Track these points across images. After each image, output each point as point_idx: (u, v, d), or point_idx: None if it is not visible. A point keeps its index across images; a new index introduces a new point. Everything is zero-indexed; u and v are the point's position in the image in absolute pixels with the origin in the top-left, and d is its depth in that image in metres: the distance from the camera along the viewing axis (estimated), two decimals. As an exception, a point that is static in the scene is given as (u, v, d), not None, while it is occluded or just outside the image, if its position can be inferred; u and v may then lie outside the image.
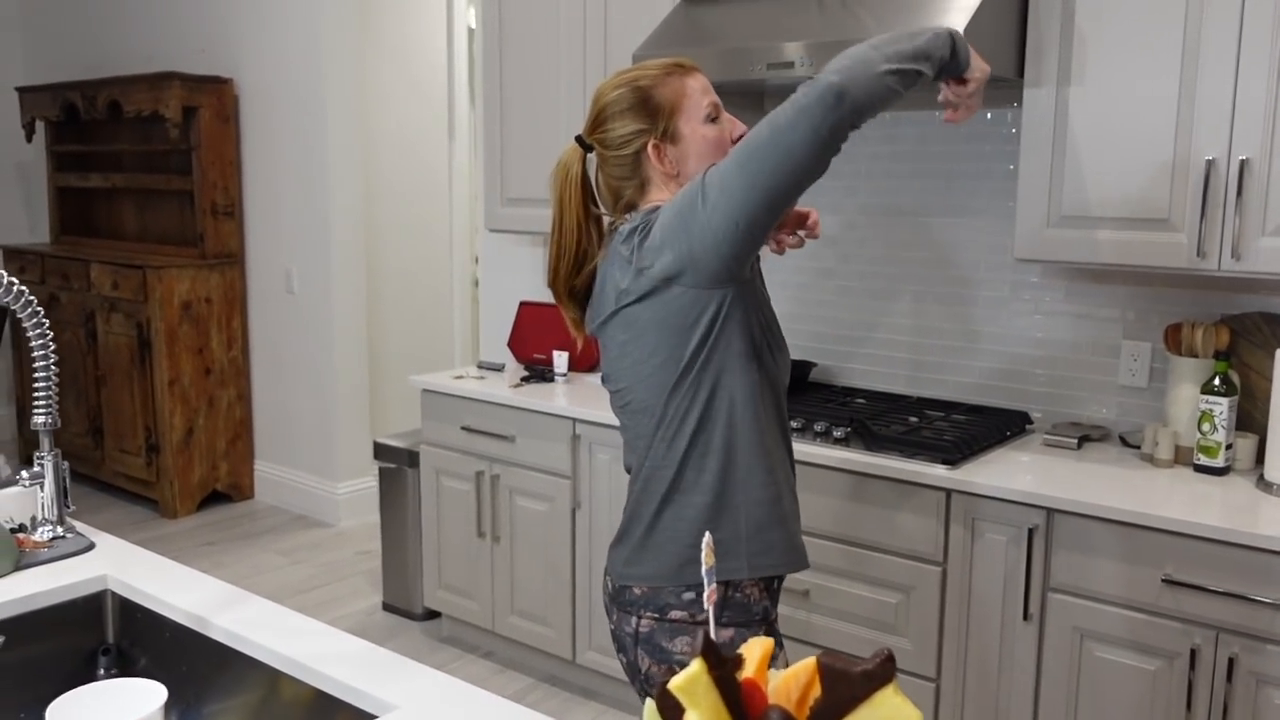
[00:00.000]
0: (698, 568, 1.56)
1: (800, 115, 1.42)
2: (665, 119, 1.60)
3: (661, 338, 1.57)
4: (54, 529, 1.33)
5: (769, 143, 1.43)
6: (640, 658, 1.60)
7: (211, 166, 4.80)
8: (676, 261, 1.52)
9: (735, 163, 1.47)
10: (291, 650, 1.48)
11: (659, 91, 1.60)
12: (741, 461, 1.57)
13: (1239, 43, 2.18)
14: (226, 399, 4.99)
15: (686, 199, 1.51)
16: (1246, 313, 2.50)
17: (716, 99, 1.64)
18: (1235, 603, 2.06)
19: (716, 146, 1.62)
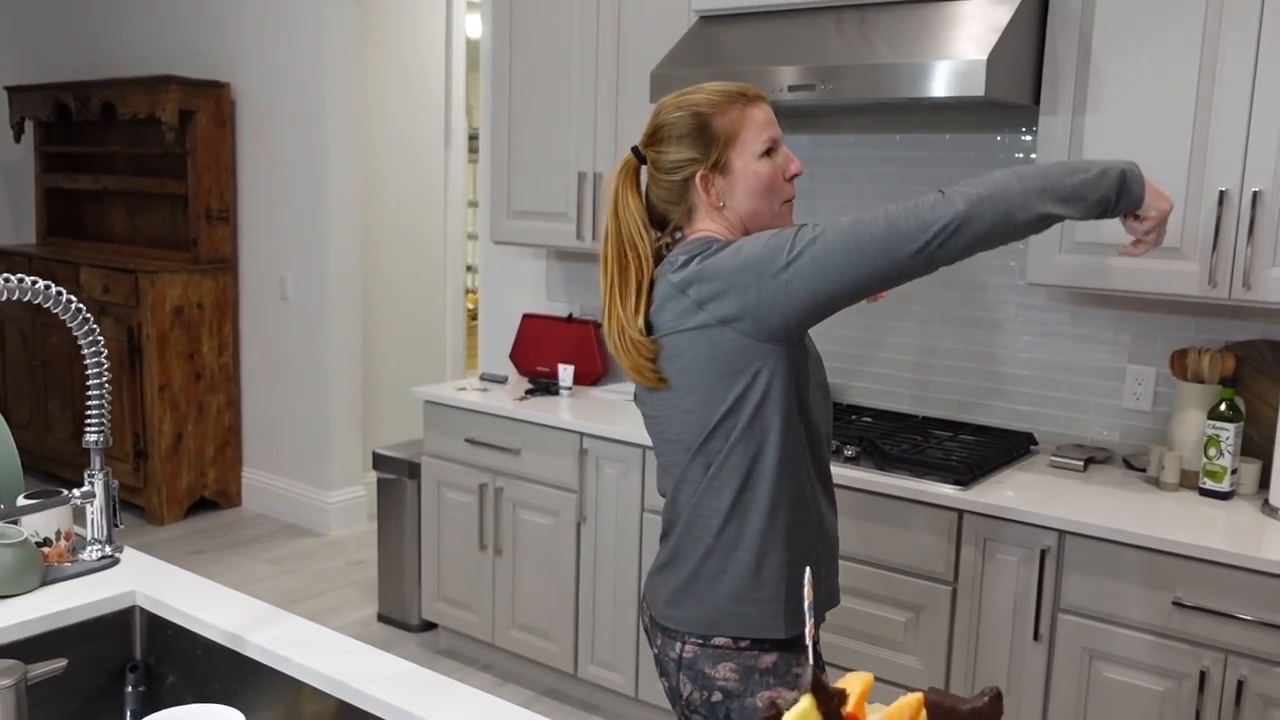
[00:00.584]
0: (736, 621, 1.58)
1: (918, 231, 1.43)
2: (719, 150, 1.57)
3: (703, 377, 1.55)
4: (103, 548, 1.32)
5: (880, 241, 1.43)
6: (682, 683, 1.61)
7: (207, 171, 4.77)
8: (739, 308, 1.50)
9: (839, 240, 1.45)
10: (334, 670, 1.48)
11: (717, 121, 1.57)
12: (783, 519, 1.58)
13: (1254, 77, 2.23)
14: (216, 405, 4.95)
15: (768, 250, 1.48)
16: (1251, 340, 2.55)
17: (776, 132, 1.61)
18: (1244, 626, 2.10)
19: (768, 184, 1.60)
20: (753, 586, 1.58)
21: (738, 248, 1.52)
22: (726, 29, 2.83)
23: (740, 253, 1.51)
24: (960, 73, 2.32)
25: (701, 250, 1.56)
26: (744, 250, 1.51)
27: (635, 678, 3.07)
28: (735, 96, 1.59)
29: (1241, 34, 2.23)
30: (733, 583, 1.58)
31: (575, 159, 3.33)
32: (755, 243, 1.51)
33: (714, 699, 1.58)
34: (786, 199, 1.63)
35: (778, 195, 1.61)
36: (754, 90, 1.61)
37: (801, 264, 1.46)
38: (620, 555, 3.05)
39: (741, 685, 1.57)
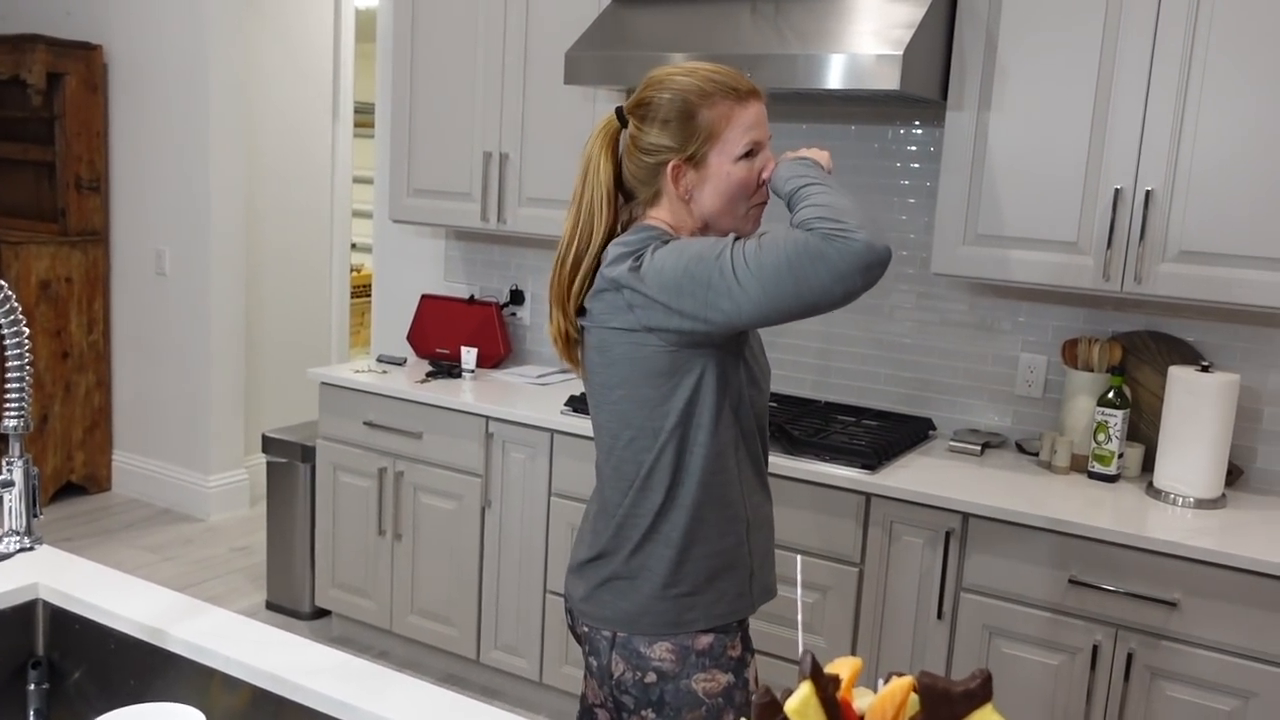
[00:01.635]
0: (655, 618, 1.58)
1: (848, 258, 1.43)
2: (698, 143, 1.52)
3: (630, 374, 1.54)
4: (21, 539, 1.24)
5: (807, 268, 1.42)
6: (615, 662, 1.60)
7: (76, 138, 4.51)
8: (665, 319, 1.48)
9: (786, 266, 1.40)
10: (265, 663, 1.43)
11: (704, 113, 1.52)
12: (710, 515, 1.57)
13: (1148, 83, 2.34)
14: (85, 385, 4.71)
15: (705, 268, 1.44)
16: (1136, 330, 2.69)
17: (762, 134, 1.56)
18: (1133, 601, 2.22)
19: (740, 187, 1.55)
20: (673, 582, 1.58)
21: (678, 252, 1.48)
22: (640, 12, 2.82)
23: (677, 261, 1.47)
24: (877, 67, 2.37)
25: (641, 247, 1.52)
26: (679, 260, 1.46)
27: (540, 662, 3.06)
28: (728, 89, 1.53)
29: (1137, 41, 2.34)
30: (653, 580, 1.58)
31: (481, 138, 3.28)
32: (688, 253, 1.46)
33: (648, 680, 1.58)
34: (756, 203, 1.59)
35: (746, 200, 1.58)
36: (749, 85, 1.55)
37: (749, 287, 1.42)
38: (526, 539, 3.03)
39: (677, 666, 1.57)
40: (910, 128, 2.94)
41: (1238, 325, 2.60)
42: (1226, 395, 2.35)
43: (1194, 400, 2.36)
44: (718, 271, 1.44)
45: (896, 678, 0.87)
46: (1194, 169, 2.32)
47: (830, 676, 0.85)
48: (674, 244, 1.51)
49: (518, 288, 3.65)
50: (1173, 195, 2.34)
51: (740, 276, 1.42)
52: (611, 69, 2.73)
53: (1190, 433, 2.37)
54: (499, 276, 3.70)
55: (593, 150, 1.60)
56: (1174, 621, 2.19)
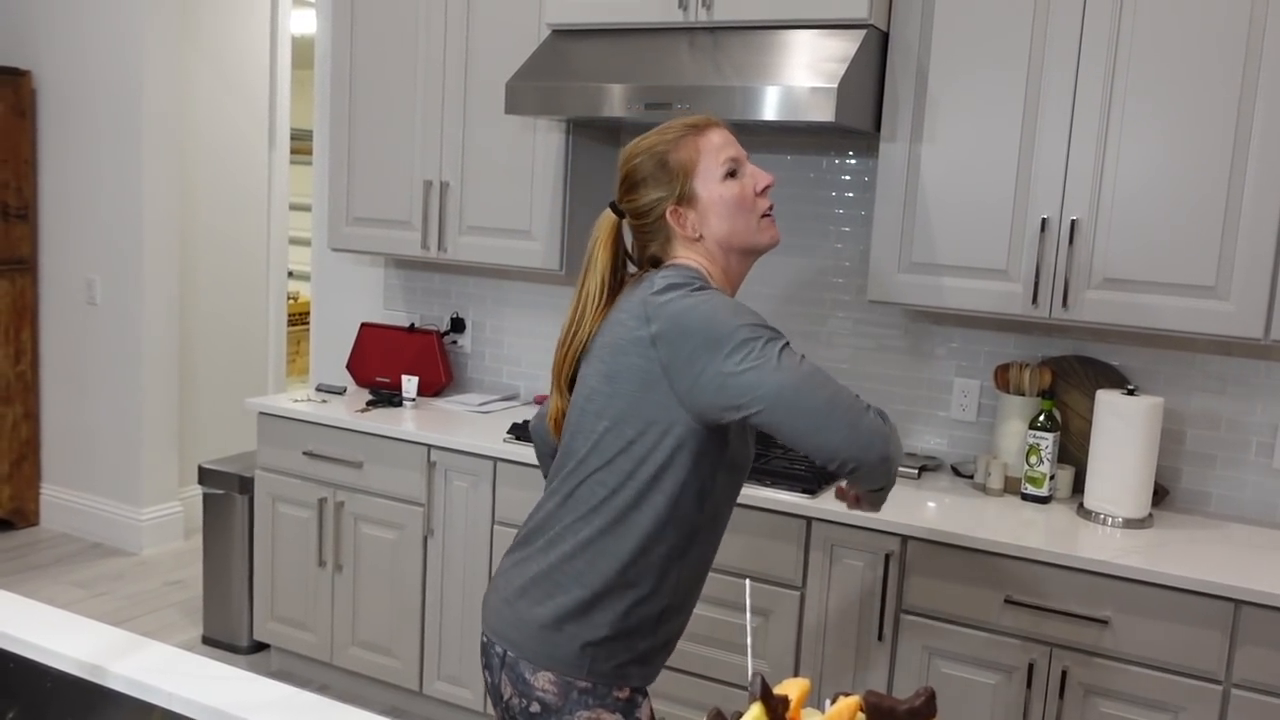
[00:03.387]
0: (539, 649, 1.57)
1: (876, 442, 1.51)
2: (681, 181, 1.60)
3: (617, 402, 1.55)
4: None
5: (833, 420, 1.49)
6: (504, 683, 1.61)
7: (3, 164, 4.42)
8: (679, 367, 1.51)
9: (795, 387, 1.47)
10: (211, 698, 1.41)
11: (674, 156, 1.60)
12: (632, 579, 1.57)
13: (1071, 117, 2.43)
14: (12, 417, 4.59)
15: (728, 334, 1.48)
16: (1065, 355, 2.77)
17: (736, 152, 1.63)
18: (1066, 620, 2.28)
19: (737, 204, 1.61)
20: (575, 622, 1.56)
21: (710, 306, 1.51)
22: (579, 44, 2.86)
23: (708, 316, 1.50)
24: (812, 99, 2.43)
25: (685, 283, 1.55)
26: (712, 317, 1.50)
27: (484, 693, 3.04)
28: (685, 129, 1.62)
29: (1061, 76, 2.43)
30: (554, 611, 1.57)
31: (421, 166, 3.28)
32: (722, 314, 1.50)
33: (532, 709, 1.57)
34: (762, 213, 1.64)
35: (752, 212, 1.63)
36: (702, 120, 1.64)
37: (746, 376, 1.47)
38: (470, 568, 3.01)
39: (560, 700, 1.55)
40: (845, 158, 3.00)
41: (1161, 350, 2.69)
42: (1151, 418, 2.43)
43: (1121, 423, 2.44)
44: (769, 344, 1.49)
45: (843, 698, 0.90)
46: (1116, 199, 2.41)
47: (779, 698, 0.87)
48: (707, 295, 1.54)
49: (459, 315, 3.64)
50: (1096, 224, 2.43)
51: (787, 361, 1.48)
52: (551, 99, 2.76)
53: (1118, 454, 2.45)
54: (439, 304, 3.69)
55: (594, 246, 1.66)
56: (1106, 639, 2.25)
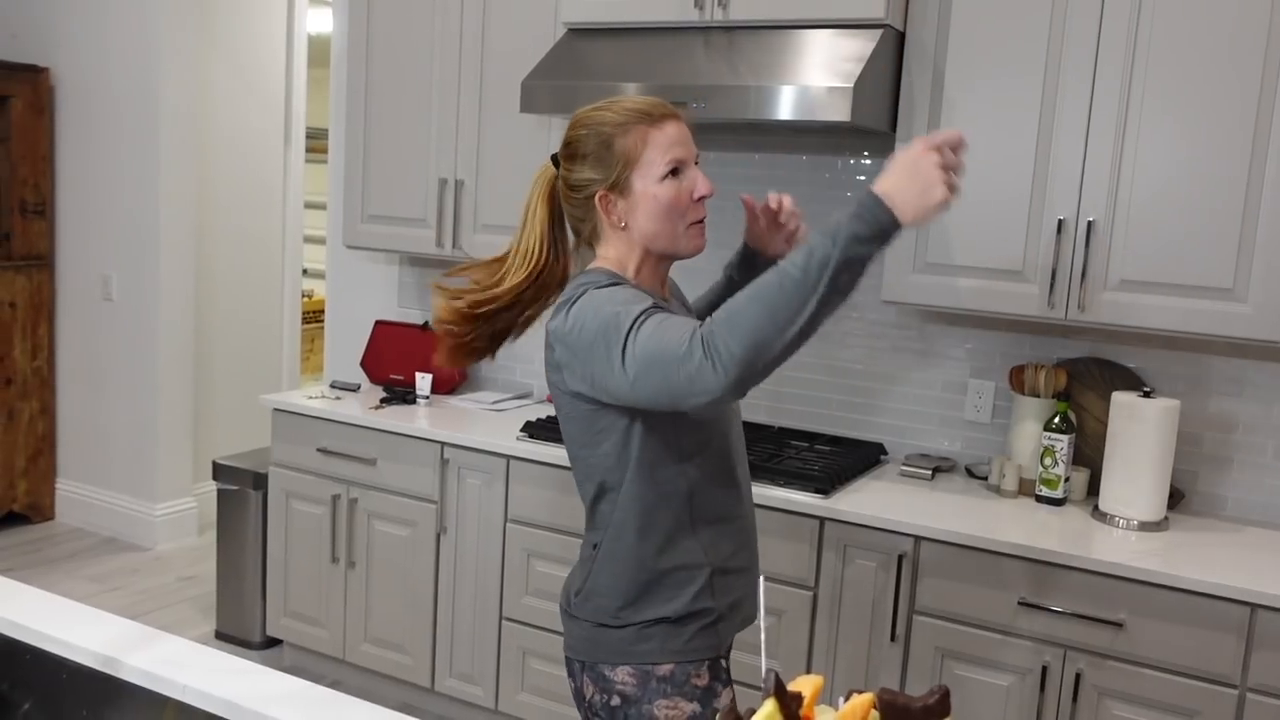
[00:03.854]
0: (593, 647, 1.63)
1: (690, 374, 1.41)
2: (619, 170, 1.55)
3: (567, 428, 1.62)
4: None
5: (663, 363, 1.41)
6: (585, 684, 1.63)
7: (22, 161, 4.45)
8: (582, 382, 1.52)
9: (656, 360, 1.39)
10: (223, 690, 1.42)
11: (619, 141, 1.54)
12: (653, 563, 1.60)
13: (1089, 117, 2.42)
14: (29, 412, 4.62)
15: (608, 339, 1.43)
16: (1081, 357, 2.76)
17: (684, 153, 1.56)
18: (1080, 622, 2.27)
19: (669, 208, 1.56)
20: (622, 617, 1.61)
21: (595, 309, 1.47)
22: (595, 43, 2.86)
23: (591, 322, 1.47)
24: (828, 99, 2.42)
25: (575, 296, 1.53)
26: (591, 323, 1.46)
27: (495, 690, 3.04)
28: (642, 115, 1.55)
29: (1078, 77, 2.42)
30: (596, 612, 1.63)
31: (436, 165, 3.29)
32: (604, 314, 1.46)
33: (613, 703, 1.60)
34: (693, 220, 1.59)
35: (681, 218, 1.58)
36: (663, 109, 1.57)
37: (615, 365, 1.43)
38: (482, 566, 3.02)
39: (639, 690, 1.59)
40: (859, 158, 3.00)
41: (1178, 352, 2.67)
42: (1168, 420, 2.42)
43: (1137, 425, 2.43)
44: (617, 346, 1.42)
45: (856, 695, 0.90)
46: (1133, 201, 2.39)
47: (793, 694, 0.87)
48: (599, 296, 1.49)
49: (473, 314, 3.64)
50: (1113, 226, 2.42)
51: (626, 360, 1.42)
52: (566, 98, 2.76)
53: (1133, 457, 2.44)
54: (454, 303, 3.69)
55: (531, 196, 1.65)
56: (1120, 642, 2.24)
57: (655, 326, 1.42)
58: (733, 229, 3.17)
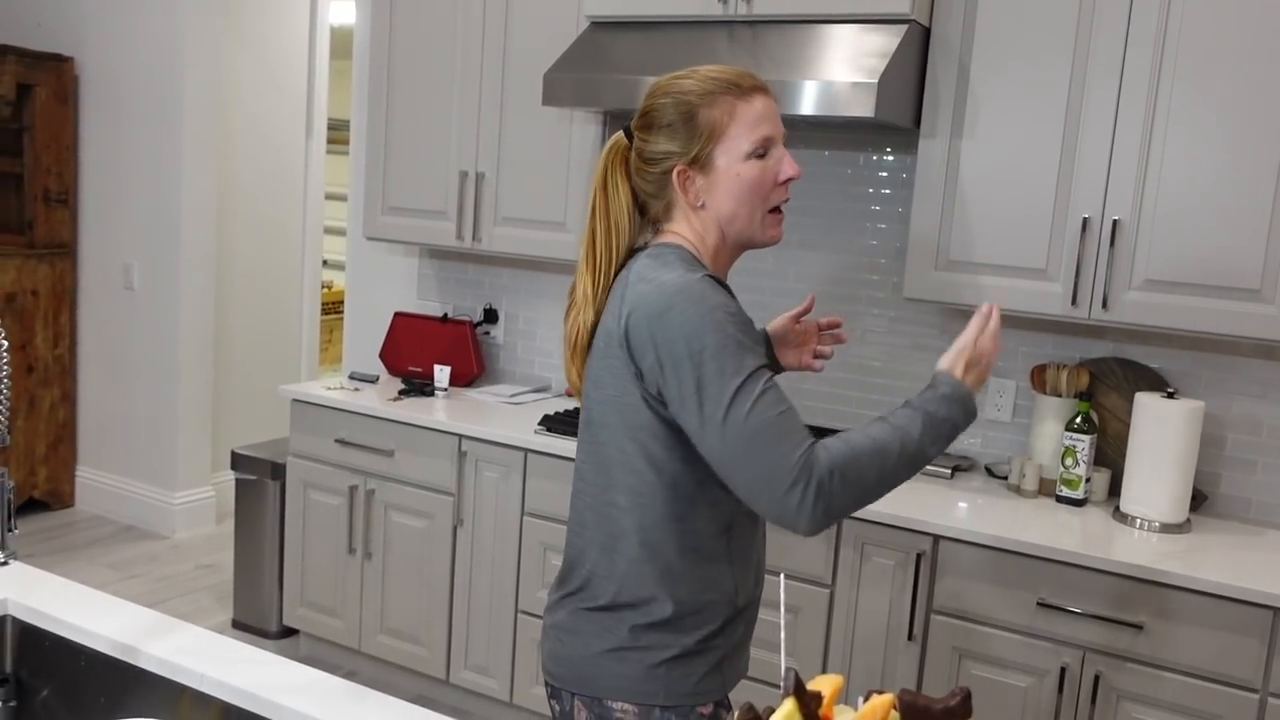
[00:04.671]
0: (626, 689, 1.49)
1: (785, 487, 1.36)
2: (701, 144, 1.43)
3: (615, 418, 1.47)
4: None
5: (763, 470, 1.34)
6: (578, 708, 1.52)
7: (46, 150, 4.47)
8: (648, 377, 1.41)
9: (758, 450, 1.32)
10: (240, 680, 1.42)
11: (704, 112, 1.42)
12: (678, 593, 1.47)
13: (1115, 115, 2.39)
14: (50, 400, 4.65)
15: (692, 371, 1.34)
16: (1104, 357, 2.73)
17: (772, 131, 1.45)
18: (1100, 624, 2.25)
19: (752, 188, 1.44)
20: (636, 649, 1.47)
21: (692, 311, 1.35)
22: (618, 36, 2.85)
23: (685, 328, 1.35)
24: (852, 94, 2.41)
25: (655, 275, 1.41)
26: (686, 330, 1.35)
27: (510, 683, 3.04)
28: (729, 85, 1.43)
29: (1106, 73, 2.40)
30: (614, 643, 1.49)
31: (457, 157, 3.29)
32: (694, 327, 1.35)
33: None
34: (774, 206, 1.48)
35: (763, 201, 1.46)
36: (752, 80, 1.45)
37: (726, 429, 1.33)
38: (499, 559, 3.02)
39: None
40: (883, 154, 2.98)
41: (1202, 353, 2.65)
42: (1191, 422, 2.40)
43: (1160, 426, 2.40)
44: (717, 395, 1.33)
45: (876, 695, 0.89)
46: (1160, 200, 2.37)
47: (813, 694, 0.86)
48: (694, 290, 1.37)
49: (492, 306, 3.65)
50: (1139, 225, 2.39)
51: (726, 422, 1.33)
52: (589, 91, 2.75)
53: (1156, 458, 2.41)
54: (473, 295, 3.70)
55: (604, 173, 1.50)
56: (1140, 644, 2.22)
57: (773, 409, 1.33)
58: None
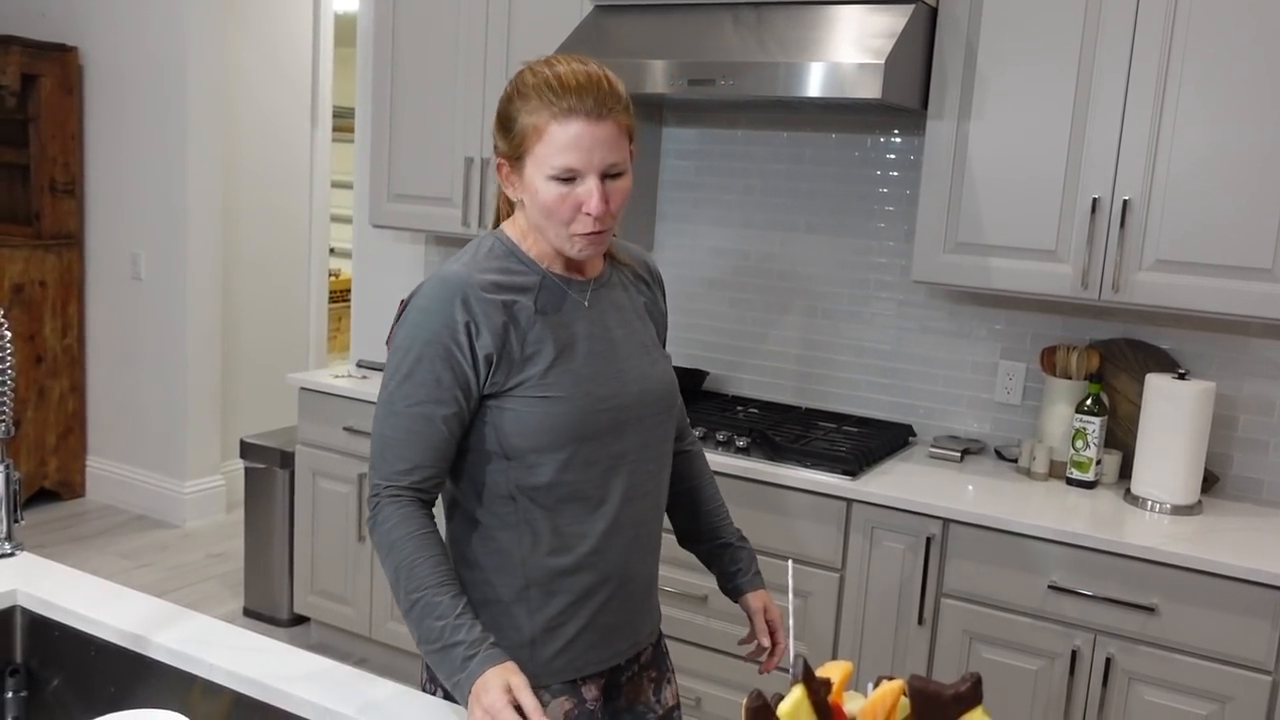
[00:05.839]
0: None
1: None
2: (514, 144, 1.38)
3: None
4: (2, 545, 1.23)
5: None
6: None
7: (51, 140, 4.47)
8: None
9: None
10: (249, 669, 1.42)
11: (523, 116, 1.35)
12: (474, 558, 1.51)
13: (1125, 93, 2.37)
14: (59, 390, 4.66)
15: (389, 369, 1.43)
16: (1113, 338, 2.72)
17: (577, 163, 1.33)
18: (1111, 606, 2.24)
19: (548, 210, 1.36)
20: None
21: (408, 320, 1.40)
22: (622, 19, 2.83)
23: (400, 335, 1.41)
24: (858, 76, 2.39)
25: (453, 259, 1.46)
26: (399, 336, 1.41)
27: (520, 669, 3.04)
28: (555, 98, 1.33)
29: (1115, 52, 2.37)
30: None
31: (462, 143, 3.27)
32: (402, 333, 1.41)
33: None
34: (578, 232, 1.37)
35: (563, 226, 1.37)
36: (583, 100, 1.32)
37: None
38: (506, 546, 3.01)
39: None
40: (890, 136, 2.96)
41: (1214, 334, 2.63)
42: (1202, 403, 2.38)
43: (1171, 408, 2.39)
44: (383, 390, 1.42)
45: (886, 681, 0.88)
46: (1170, 179, 2.35)
47: (822, 680, 0.85)
48: (419, 299, 1.40)
49: (498, 293, 3.64)
50: (1149, 205, 2.37)
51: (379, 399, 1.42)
52: (594, 75, 2.73)
53: (1167, 440, 2.40)
54: (479, 282, 3.68)
55: None
56: (1152, 626, 2.21)
57: (401, 421, 1.39)
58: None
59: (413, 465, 1.39)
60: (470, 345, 1.37)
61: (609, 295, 1.51)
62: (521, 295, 1.42)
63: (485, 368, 1.38)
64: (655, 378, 1.52)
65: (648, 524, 1.54)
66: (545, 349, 1.41)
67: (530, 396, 1.40)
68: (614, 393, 1.45)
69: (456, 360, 1.37)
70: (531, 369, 1.40)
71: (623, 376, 1.47)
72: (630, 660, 1.59)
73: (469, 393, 1.39)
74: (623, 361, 1.48)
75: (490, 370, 1.39)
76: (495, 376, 1.39)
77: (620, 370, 1.47)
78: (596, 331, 1.47)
